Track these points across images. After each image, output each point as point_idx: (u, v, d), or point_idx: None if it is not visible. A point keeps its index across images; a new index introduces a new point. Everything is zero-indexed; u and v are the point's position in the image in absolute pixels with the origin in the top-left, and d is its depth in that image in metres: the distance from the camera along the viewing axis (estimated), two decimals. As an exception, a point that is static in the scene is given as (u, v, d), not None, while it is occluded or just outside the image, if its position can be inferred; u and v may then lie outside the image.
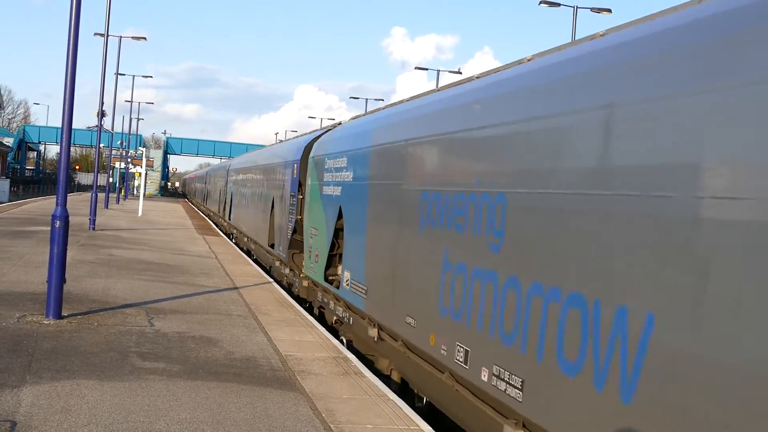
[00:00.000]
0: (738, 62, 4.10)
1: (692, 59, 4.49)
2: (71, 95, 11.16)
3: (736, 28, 4.23)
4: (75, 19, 11.02)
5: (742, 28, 4.19)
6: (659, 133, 4.59)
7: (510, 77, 7.13)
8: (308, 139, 16.77)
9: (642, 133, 4.74)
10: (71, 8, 11.00)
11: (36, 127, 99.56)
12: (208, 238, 29.72)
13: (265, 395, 8.01)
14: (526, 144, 6.22)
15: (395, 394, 8.71)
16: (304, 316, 13.16)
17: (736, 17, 4.28)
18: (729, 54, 4.18)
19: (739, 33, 4.20)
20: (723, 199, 4.06)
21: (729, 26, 4.31)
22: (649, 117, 4.71)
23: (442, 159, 8.40)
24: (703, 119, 4.26)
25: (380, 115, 12.04)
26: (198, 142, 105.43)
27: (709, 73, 4.30)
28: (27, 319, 10.76)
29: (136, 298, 13.45)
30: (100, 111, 35.83)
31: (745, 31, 4.15)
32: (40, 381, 7.82)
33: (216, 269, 19.04)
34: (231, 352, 9.86)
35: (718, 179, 4.16)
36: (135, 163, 57.49)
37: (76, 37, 11.10)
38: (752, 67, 3.99)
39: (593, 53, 5.72)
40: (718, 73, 4.23)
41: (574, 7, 34.71)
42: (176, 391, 7.88)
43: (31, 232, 24.78)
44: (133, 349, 9.59)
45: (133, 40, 49.79)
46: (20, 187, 79.21)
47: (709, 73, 4.30)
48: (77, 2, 11.02)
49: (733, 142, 4.07)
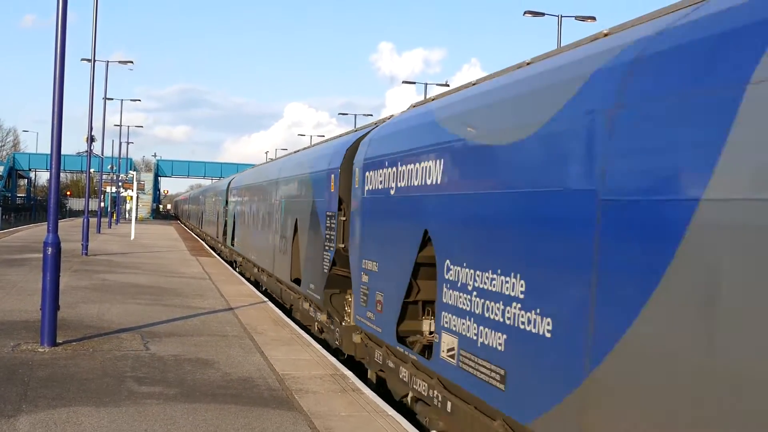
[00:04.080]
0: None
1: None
2: (59, 122, 11.17)
3: None
4: (61, 46, 11.04)
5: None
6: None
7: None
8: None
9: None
10: (57, 37, 11.01)
11: (26, 154, 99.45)
12: (201, 259, 29.67)
13: (263, 415, 7.98)
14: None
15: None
16: (300, 335, 13.14)
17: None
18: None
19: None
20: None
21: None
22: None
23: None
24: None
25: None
26: (188, 163, 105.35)
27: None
28: (22, 348, 10.71)
29: (131, 322, 13.40)
30: (89, 136, 35.79)
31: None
32: (36, 409, 7.78)
33: (210, 290, 19.00)
34: (228, 374, 9.83)
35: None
36: (126, 186, 57.44)
37: (63, 63, 11.12)
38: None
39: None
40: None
41: (559, 16, 34.92)
42: (173, 414, 7.84)
43: (23, 259, 24.69)
44: (129, 373, 9.55)
45: (121, 64, 49.87)
46: (11, 214, 78.97)
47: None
48: (62, 31, 11.04)
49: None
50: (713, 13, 4.46)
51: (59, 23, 11.00)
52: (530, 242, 5.84)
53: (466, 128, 7.27)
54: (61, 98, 11.15)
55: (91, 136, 36.65)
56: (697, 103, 4.23)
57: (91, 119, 36.50)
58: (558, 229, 5.45)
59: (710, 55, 4.26)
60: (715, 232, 3.99)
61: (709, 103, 4.14)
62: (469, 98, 7.75)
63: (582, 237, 5.09)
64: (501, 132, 6.60)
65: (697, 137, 4.18)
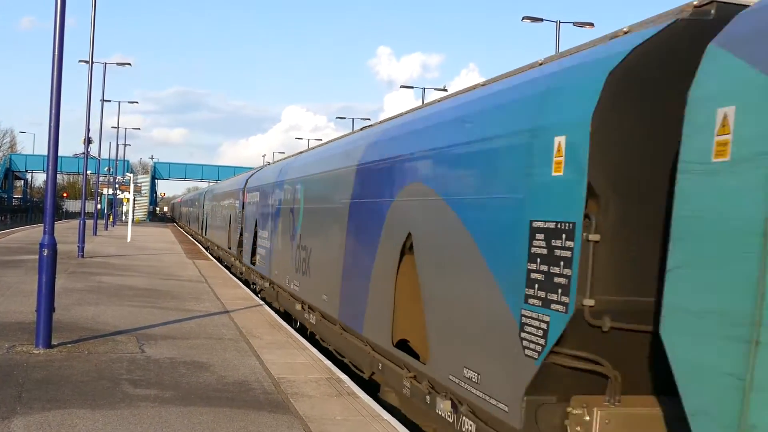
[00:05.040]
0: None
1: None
2: (56, 123, 11.15)
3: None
4: (59, 48, 11.04)
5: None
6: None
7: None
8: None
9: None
10: (54, 39, 11.01)
11: (22, 155, 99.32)
12: (197, 262, 29.64)
13: (258, 419, 7.97)
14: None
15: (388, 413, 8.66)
16: (296, 338, 13.12)
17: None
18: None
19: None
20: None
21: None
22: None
23: None
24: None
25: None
26: (186, 166, 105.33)
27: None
28: (17, 350, 10.68)
29: (126, 324, 13.38)
30: (86, 138, 35.79)
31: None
32: (31, 411, 7.76)
33: (206, 293, 18.97)
34: (223, 377, 9.82)
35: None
36: (123, 188, 57.31)
37: (60, 65, 11.11)
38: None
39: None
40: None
41: (557, 22, 34.98)
42: (168, 417, 7.83)
43: (19, 261, 24.64)
44: (125, 376, 9.53)
45: (119, 66, 49.88)
46: (8, 216, 78.82)
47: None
48: (60, 33, 11.04)
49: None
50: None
51: (57, 25, 10.99)
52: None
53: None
54: (59, 100, 11.14)
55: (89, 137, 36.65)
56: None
57: (89, 121, 36.52)
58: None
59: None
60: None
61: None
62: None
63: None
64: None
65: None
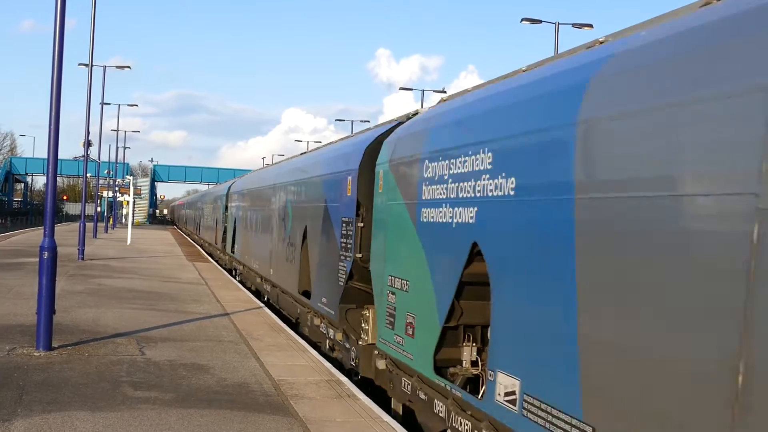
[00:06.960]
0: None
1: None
2: (56, 126, 11.17)
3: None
4: (59, 51, 11.06)
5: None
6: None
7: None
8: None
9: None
10: (54, 42, 11.03)
11: (23, 158, 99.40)
12: (197, 264, 29.65)
13: (258, 421, 7.98)
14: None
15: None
16: (296, 340, 13.14)
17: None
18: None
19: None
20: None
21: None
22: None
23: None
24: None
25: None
26: (185, 168, 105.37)
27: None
28: (17, 352, 10.70)
29: (126, 327, 13.40)
30: (86, 141, 35.81)
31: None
32: (31, 414, 7.78)
33: (206, 295, 18.99)
34: (223, 379, 9.83)
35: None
36: (122, 191, 57.33)
37: (60, 68, 11.13)
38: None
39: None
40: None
41: (556, 23, 35.02)
42: (168, 419, 7.84)
43: (19, 263, 24.66)
44: (125, 378, 9.55)
45: (118, 68, 49.87)
46: (8, 219, 78.82)
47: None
48: (60, 36, 11.06)
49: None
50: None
51: (57, 29, 11.01)
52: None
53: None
54: (59, 103, 11.16)
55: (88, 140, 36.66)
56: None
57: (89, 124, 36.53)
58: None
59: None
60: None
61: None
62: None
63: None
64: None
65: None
